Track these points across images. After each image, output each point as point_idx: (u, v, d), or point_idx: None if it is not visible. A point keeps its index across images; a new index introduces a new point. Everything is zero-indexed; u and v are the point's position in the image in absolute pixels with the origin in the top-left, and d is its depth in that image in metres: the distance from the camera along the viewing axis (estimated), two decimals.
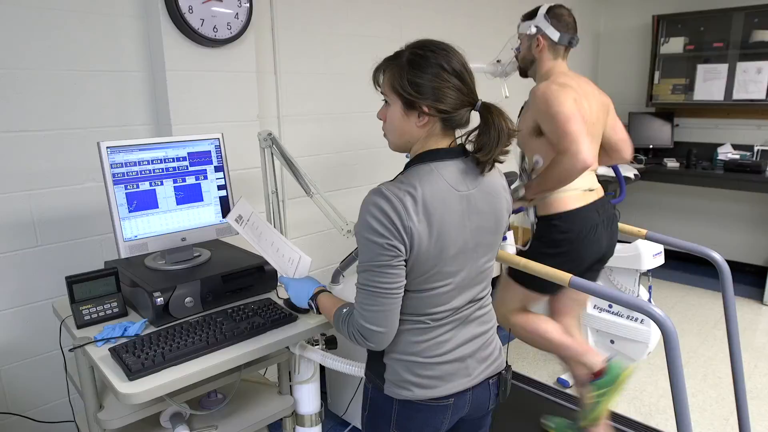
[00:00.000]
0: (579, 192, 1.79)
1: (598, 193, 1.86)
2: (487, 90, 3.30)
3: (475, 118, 1.08)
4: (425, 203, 1.00)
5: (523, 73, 1.96)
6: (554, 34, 1.78)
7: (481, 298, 1.18)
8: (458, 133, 1.10)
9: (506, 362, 1.27)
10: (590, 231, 1.78)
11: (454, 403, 1.16)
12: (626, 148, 1.96)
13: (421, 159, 1.06)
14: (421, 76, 1.01)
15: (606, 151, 1.97)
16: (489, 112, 1.03)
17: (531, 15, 1.84)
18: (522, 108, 1.88)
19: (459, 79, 1.01)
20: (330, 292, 1.30)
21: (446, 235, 1.03)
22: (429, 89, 1.01)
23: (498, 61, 2.14)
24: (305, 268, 1.42)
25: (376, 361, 1.18)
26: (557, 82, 1.72)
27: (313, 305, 1.30)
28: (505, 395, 1.25)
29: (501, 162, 1.08)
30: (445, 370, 1.13)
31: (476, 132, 1.06)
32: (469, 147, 1.08)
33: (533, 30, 1.81)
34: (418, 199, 0.99)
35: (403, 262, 1.02)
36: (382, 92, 1.11)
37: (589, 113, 1.77)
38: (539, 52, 1.83)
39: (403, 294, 1.05)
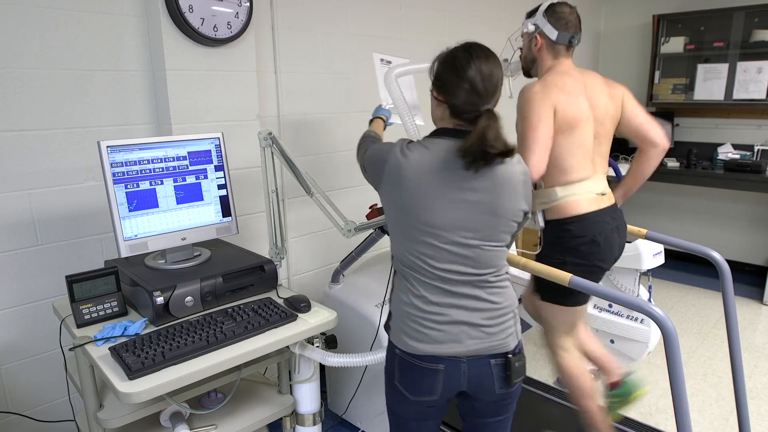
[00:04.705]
0: (592, 195, 1.74)
1: (610, 198, 1.80)
2: None
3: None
4: (408, 158, 1.23)
5: (527, 73, 1.90)
6: (552, 33, 1.73)
7: (482, 276, 1.25)
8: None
9: (519, 350, 1.31)
10: (605, 236, 1.72)
11: (445, 370, 1.25)
12: (653, 131, 1.78)
13: (431, 133, 1.29)
14: (444, 71, 1.24)
15: (636, 143, 1.85)
16: (481, 118, 1.18)
17: (532, 13, 1.80)
18: None
19: (470, 84, 1.19)
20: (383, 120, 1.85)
21: (418, 191, 1.20)
22: (444, 82, 1.24)
23: (505, 60, 2.10)
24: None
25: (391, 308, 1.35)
26: (546, 81, 1.70)
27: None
28: (511, 380, 1.28)
29: (490, 160, 1.16)
30: (433, 328, 1.24)
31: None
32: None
33: (531, 28, 1.78)
34: (406, 152, 1.24)
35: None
36: None
37: (588, 111, 1.72)
38: (538, 51, 1.79)
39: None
